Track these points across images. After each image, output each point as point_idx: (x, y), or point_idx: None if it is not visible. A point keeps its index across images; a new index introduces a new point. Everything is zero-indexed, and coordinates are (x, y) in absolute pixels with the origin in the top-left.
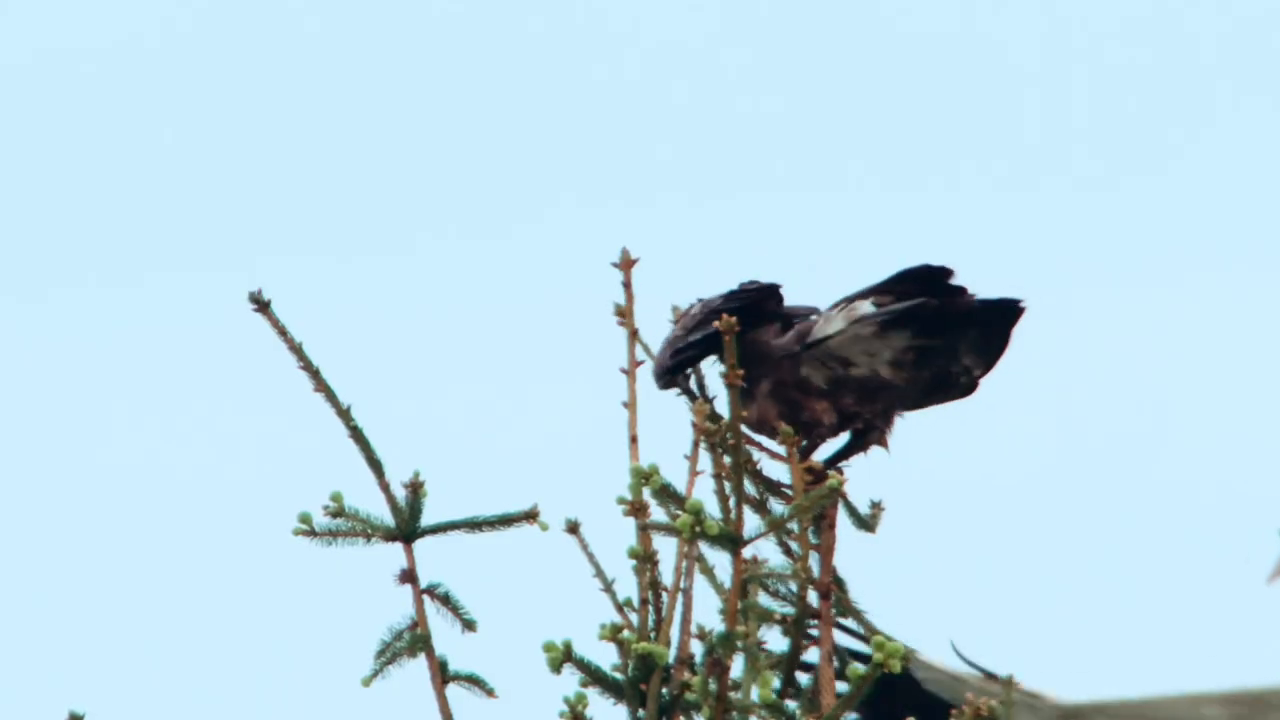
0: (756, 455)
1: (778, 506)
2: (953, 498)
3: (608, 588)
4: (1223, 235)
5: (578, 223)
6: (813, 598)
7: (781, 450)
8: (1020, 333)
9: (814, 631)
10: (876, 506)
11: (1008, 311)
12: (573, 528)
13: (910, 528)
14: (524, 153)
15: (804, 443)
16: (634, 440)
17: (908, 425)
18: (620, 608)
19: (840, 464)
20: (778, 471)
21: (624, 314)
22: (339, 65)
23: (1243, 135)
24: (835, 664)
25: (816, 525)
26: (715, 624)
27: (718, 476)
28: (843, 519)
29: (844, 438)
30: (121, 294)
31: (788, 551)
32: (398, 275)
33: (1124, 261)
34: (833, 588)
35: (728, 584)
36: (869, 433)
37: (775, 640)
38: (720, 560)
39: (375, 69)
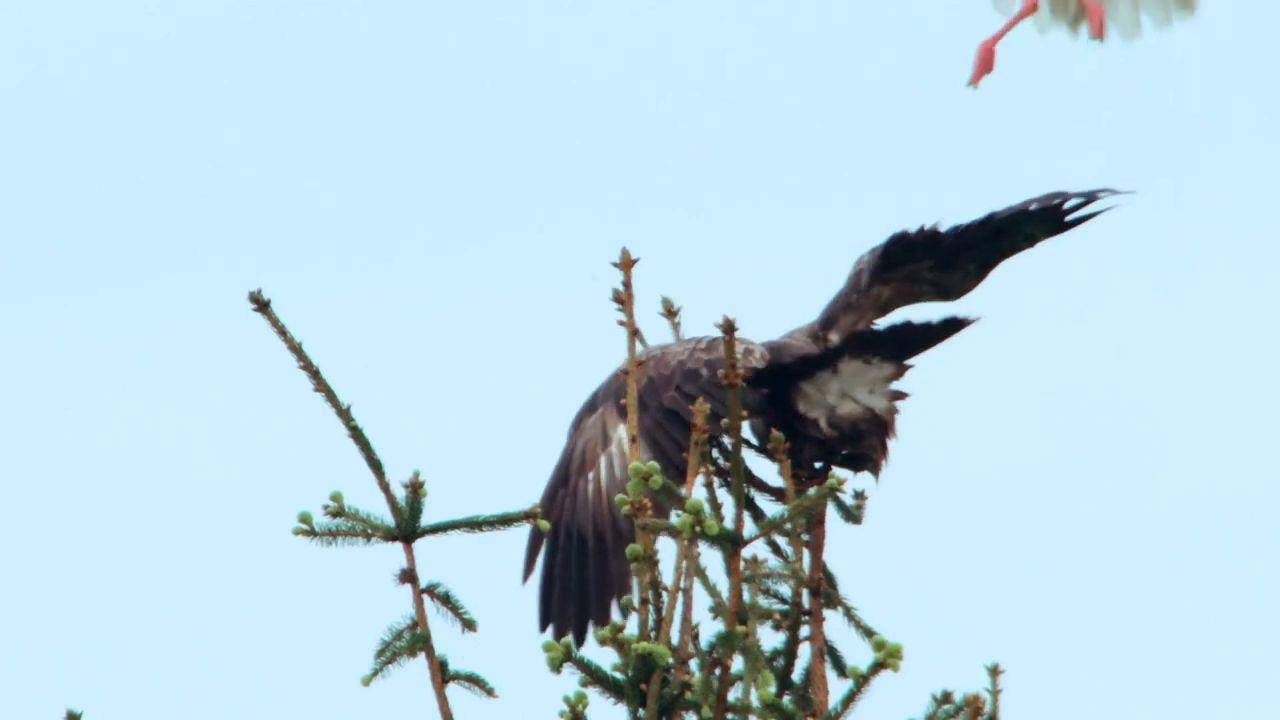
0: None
1: (769, 507)
2: (941, 493)
3: None
4: (1224, 237)
5: (578, 222)
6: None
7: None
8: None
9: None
10: (861, 497)
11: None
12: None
13: (898, 518)
14: (524, 153)
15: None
16: (634, 440)
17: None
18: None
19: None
20: (765, 471)
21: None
22: (339, 67)
23: (1245, 138)
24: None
25: (806, 522)
26: (707, 622)
27: (708, 485)
28: (829, 513)
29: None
30: (121, 295)
31: (776, 550)
32: (398, 275)
33: (1120, 263)
34: (823, 584)
35: (720, 584)
36: (863, 461)
37: (768, 638)
38: (713, 560)
39: (376, 71)
